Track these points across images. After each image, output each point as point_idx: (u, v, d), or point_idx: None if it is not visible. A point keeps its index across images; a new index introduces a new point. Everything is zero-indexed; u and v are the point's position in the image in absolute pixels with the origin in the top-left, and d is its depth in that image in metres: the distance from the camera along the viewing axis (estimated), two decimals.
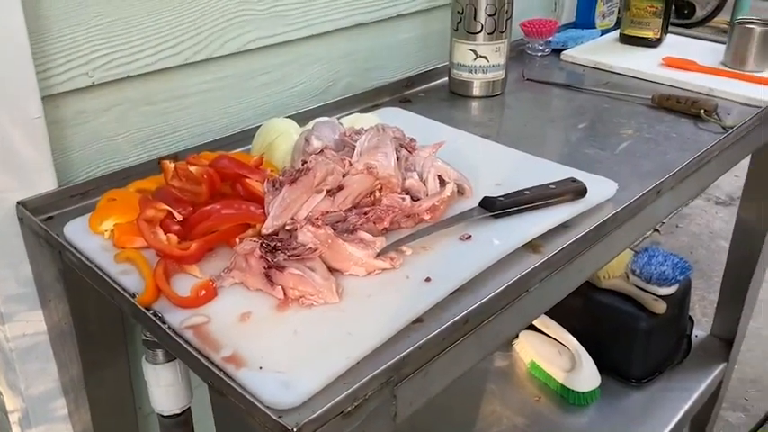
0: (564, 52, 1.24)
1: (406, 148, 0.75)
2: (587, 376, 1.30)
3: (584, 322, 1.36)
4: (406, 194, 0.71)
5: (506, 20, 1.02)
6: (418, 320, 0.58)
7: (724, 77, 1.12)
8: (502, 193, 0.73)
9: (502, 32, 1.02)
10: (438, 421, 1.29)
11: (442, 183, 0.73)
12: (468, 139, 0.91)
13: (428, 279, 0.61)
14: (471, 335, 0.59)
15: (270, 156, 0.80)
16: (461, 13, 1.01)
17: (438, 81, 1.12)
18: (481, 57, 1.03)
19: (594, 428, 1.28)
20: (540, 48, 1.25)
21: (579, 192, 0.74)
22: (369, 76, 1.09)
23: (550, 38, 1.25)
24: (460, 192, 0.75)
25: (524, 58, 1.26)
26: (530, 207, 0.72)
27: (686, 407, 1.32)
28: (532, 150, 0.87)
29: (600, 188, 0.77)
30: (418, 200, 0.71)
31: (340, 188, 0.69)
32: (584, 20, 1.34)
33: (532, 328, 1.40)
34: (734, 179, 2.69)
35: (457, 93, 1.08)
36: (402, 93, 1.08)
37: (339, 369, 0.52)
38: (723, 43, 1.19)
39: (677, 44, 1.27)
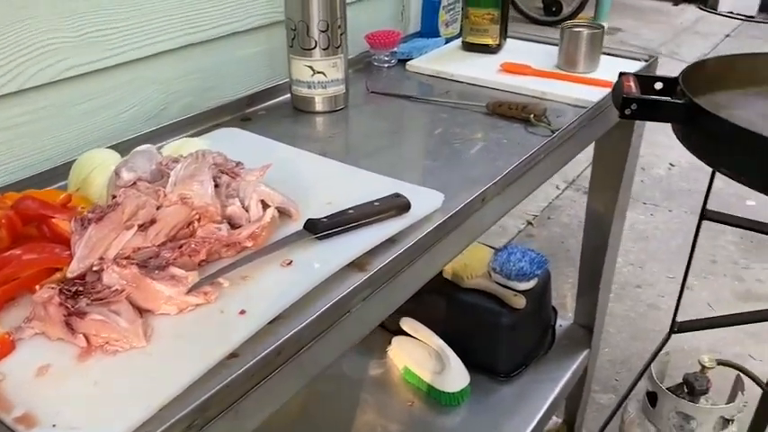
0: (408, 62, 1.25)
1: (227, 174, 0.73)
2: (456, 376, 1.32)
3: (450, 323, 1.39)
4: (228, 223, 0.70)
5: (340, 35, 1.02)
6: (234, 356, 0.57)
7: (557, 80, 1.16)
8: (332, 212, 0.73)
9: (337, 47, 1.02)
10: None
11: (267, 208, 0.72)
12: (305, 158, 0.90)
13: (242, 312, 0.60)
14: (288, 365, 0.58)
15: (86, 191, 0.76)
16: (294, 30, 1.01)
17: (282, 97, 1.11)
18: (319, 72, 1.03)
19: (467, 426, 1.31)
20: (386, 59, 1.26)
21: (403, 207, 0.75)
22: (208, 95, 1.07)
23: (395, 48, 1.26)
24: (288, 215, 0.74)
25: (372, 69, 1.27)
26: (355, 226, 0.72)
27: (553, 396, 1.37)
28: (369, 165, 0.87)
29: (427, 200, 0.78)
30: (240, 227, 0.69)
31: (153, 222, 0.66)
32: (429, 29, 1.36)
33: (405, 333, 1.42)
34: None
35: (300, 109, 1.07)
36: (243, 111, 1.06)
37: (140, 418, 0.50)
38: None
39: (516, 49, 1.32)
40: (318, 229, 0.70)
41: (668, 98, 0.90)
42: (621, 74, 0.98)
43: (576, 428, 1.65)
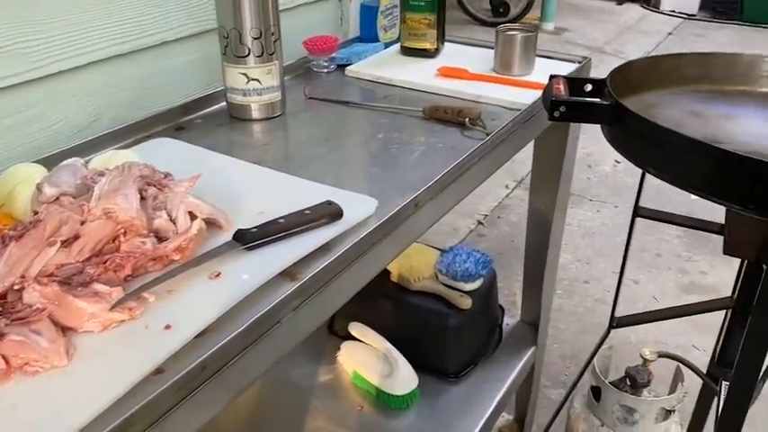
0: (348, 68, 1.26)
1: (154, 186, 0.73)
2: (404, 379, 1.33)
3: (399, 326, 1.40)
4: (156, 236, 0.69)
5: (274, 42, 1.02)
6: (159, 371, 0.56)
7: (493, 83, 1.18)
8: (262, 222, 0.73)
9: (271, 54, 1.02)
10: None
11: (195, 219, 0.71)
12: (238, 166, 0.89)
13: (168, 326, 0.59)
14: (213, 379, 0.58)
15: (10, 207, 0.74)
16: (227, 38, 1.00)
17: (218, 105, 1.10)
18: (253, 80, 1.02)
19: (416, 428, 1.31)
20: (325, 64, 1.26)
21: (335, 214, 0.75)
22: (141, 105, 1.05)
23: (334, 54, 1.26)
24: (218, 226, 0.74)
25: (311, 75, 1.27)
26: (285, 235, 0.72)
27: (500, 394, 1.39)
28: (305, 172, 0.87)
29: (361, 206, 0.79)
30: (167, 240, 0.69)
31: (76, 237, 0.65)
32: (368, 34, 1.37)
33: (354, 338, 1.42)
34: None
35: (236, 116, 1.07)
36: (178, 120, 1.05)
37: None
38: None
39: (455, 53, 1.33)
40: (247, 239, 0.69)
41: (595, 99, 0.92)
42: (552, 76, 0.99)
43: (526, 424, 1.67)
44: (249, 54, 1.01)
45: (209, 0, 1.10)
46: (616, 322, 1.21)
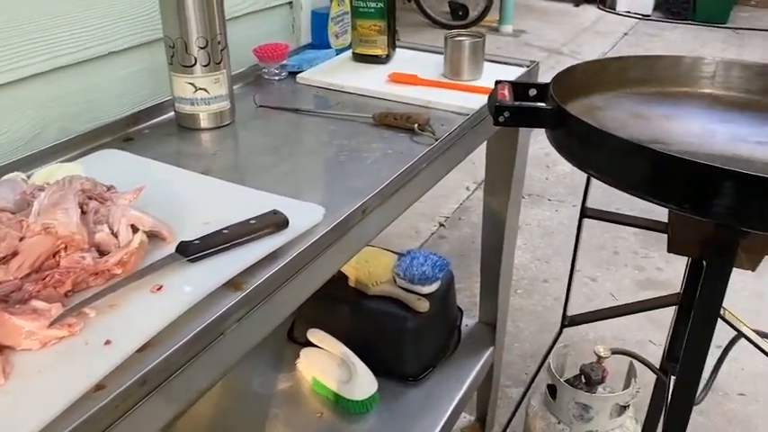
0: (299, 75, 1.26)
1: (96, 199, 0.72)
2: (363, 384, 1.33)
3: (357, 331, 1.40)
4: (98, 250, 0.68)
5: (221, 50, 1.02)
6: (100, 387, 0.56)
7: (442, 89, 1.19)
8: (207, 233, 0.73)
9: (218, 63, 1.02)
10: None
11: (137, 232, 0.71)
12: (184, 177, 0.89)
13: (108, 342, 0.59)
14: (155, 394, 0.58)
15: None
16: (173, 47, 1.00)
17: (167, 115, 1.09)
18: (201, 89, 1.02)
19: None
20: (276, 72, 1.26)
21: (281, 223, 0.75)
22: (87, 116, 1.04)
23: (284, 61, 1.26)
24: (161, 238, 0.74)
25: (262, 83, 1.27)
26: (230, 245, 0.72)
27: (459, 396, 1.40)
28: (253, 181, 0.87)
29: (307, 215, 0.79)
30: (109, 254, 0.68)
31: (15, 254, 0.64)
32: (320, 40, 1.37)
33: (312, 344, 1.42)
34: None
35: (184, 126, 1.06)
36: (126, 131, 1.04)
37: None
38: None
39: (406, 59, 1.34)
40: (190, 251, 0.69)
41: (538, 104, 0.94)
42: (497, 82, 1.01)
43: (487, 424, 1.69)
44: (196, 63, 1.00)
45: (155, 9, 1.09)
46: (568, 321, 1.23)
